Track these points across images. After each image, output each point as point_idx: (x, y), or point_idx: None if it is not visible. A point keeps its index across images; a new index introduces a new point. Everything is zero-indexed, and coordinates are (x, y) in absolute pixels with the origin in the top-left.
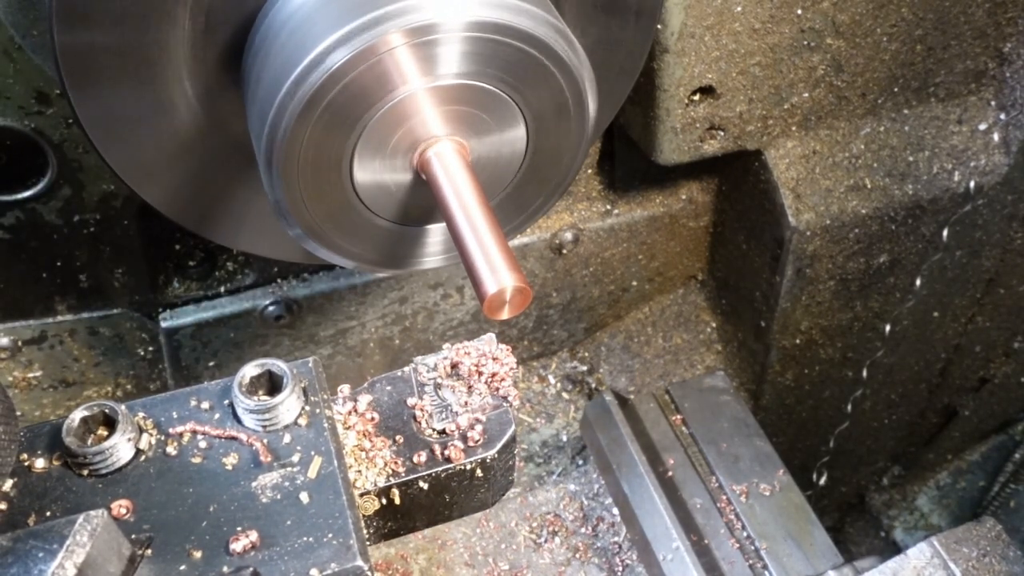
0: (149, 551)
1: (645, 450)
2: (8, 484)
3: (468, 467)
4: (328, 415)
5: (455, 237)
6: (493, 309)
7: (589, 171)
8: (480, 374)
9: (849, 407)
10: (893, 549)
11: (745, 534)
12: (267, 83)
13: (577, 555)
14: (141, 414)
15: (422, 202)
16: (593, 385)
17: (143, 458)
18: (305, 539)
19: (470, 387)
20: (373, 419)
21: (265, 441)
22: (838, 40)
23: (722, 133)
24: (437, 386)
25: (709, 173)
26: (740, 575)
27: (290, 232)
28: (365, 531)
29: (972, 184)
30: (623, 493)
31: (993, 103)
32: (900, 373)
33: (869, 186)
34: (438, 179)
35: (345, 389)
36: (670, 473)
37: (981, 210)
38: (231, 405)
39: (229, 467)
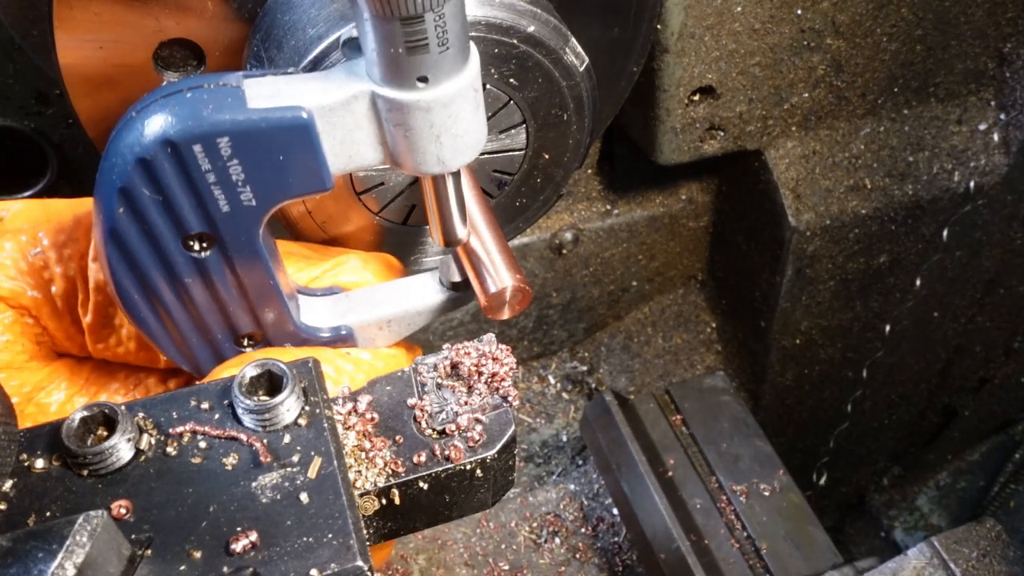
0: (149, 551)
1: (645, 450)
2: (8, 484)
3: (468, 467)
4: (328, 415)
5: None
6: (493, 309)
7: (589, 171)
8: (480, 374)
9: (849, 407)
10: (893, 549)
11: (745, 534)
12: None
13: (577, 555)
14: (141, 414)
15: (422, 202)
16: (593, 385)
17: (143, 458)
18: (305, 539)
19: (470, 387)
20: (373, 419)
21: (265, 441)
22: (838, 40)
23: (722, 133)
24: (437, 386)
25: (709, 173)
26: (740, 575)
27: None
28: (365, 531)
29: (972, 184)
30: (623, 493)
31: (993, 103)
32: (900, 373)
33: (869, 186)
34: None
35: (345, 389)
36: (670, 473)
37: (981, 210)
38: (231, 405)
39: (229, 467)
